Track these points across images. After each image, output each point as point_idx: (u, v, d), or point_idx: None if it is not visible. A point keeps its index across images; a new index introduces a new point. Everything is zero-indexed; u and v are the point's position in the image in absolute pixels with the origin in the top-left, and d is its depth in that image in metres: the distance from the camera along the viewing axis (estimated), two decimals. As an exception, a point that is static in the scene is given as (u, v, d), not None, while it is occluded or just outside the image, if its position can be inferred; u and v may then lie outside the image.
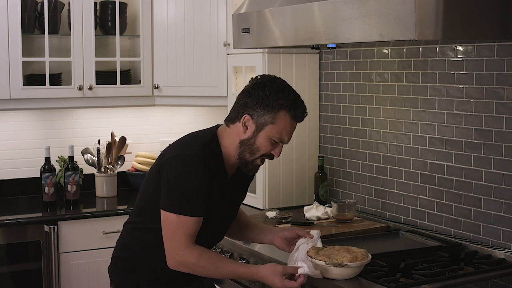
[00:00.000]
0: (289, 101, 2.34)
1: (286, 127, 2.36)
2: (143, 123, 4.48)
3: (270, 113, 2.34)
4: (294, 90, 2.41)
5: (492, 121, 2.89)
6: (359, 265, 2.46)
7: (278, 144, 2.39)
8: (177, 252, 2.34)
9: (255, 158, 2.40)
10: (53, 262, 3.65)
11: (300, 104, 2.38)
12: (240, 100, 2.40)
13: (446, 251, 2.85)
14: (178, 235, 2.32)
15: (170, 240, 2.34)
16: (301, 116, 2.39)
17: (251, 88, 2.39)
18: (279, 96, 2.34)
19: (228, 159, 2.43)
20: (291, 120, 2.36)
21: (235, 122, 2.40)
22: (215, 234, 2.56)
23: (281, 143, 2.39)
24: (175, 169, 2.32)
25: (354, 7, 2.54)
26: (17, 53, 3.79)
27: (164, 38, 4.09)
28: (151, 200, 2.42)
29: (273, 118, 2.34)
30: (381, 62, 3.44)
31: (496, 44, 2.84)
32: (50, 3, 3.92)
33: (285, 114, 2.34)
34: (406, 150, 3.33)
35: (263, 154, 2.40)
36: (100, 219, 3.79)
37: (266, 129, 2.35)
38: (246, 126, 2.37)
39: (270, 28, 3.03)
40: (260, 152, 2.38)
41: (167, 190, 2.33)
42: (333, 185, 3.80)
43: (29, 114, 4.19)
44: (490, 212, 2.93)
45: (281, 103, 2.33)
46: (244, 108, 2.37)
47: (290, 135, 2.40)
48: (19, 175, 4.18)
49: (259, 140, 2.37)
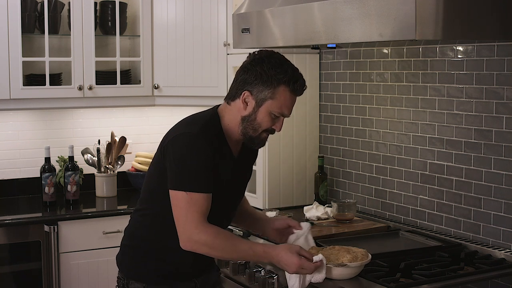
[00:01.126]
0: (288, 75, 2.34)
1: (286, 101, 2.36)
2: (143, 123, 4.48)
3: (269, 88, 2.34)
4: (292, 64, 2.40)
5: (492, 121, 2.89)
6: (359, 265, 2.46)
7: (279, 118, 2.39)
8: (192, 231, 2.29)
9: (259, 133, 2.40)
10: (53, 262, 3.65)
11: (299, 77, 2.38)
12: (238, 76, 2.40)
13: (446, 251, 2.85)
14: (191, 213, 2.29)
15: (183, 220, 2.30)
16: (301, 90, 2.39)
17: (249, 64, 2.38)
18: (277, 71, 2.33)
19: (231, 136, 2.43)
20: (290, 94, 2.36)
21: (235, 99, 2.40)
22: (225, 215, 2.53)
23: (282, 117, 2.40)
24: (179, 148, 2.32)
25: (354, 7, 2.54)
26: (17, 53, 3.79)
27: (164, 38, 4.09)
28: (158, 185, 2.41)
29: (272, 93, 2.34)
30: (381, 62, 3.44)
31: (496, 44, 2.84)
32: (50, 3, 3.92)
33: (284, 89, 2.34)
34: (406, 150, 3.33)
35: (265, 129, 2.40)
36: (100, 219, 3.79)
37: (266, 104, 2.35)
38: (246, 102, 2.37)
39: (270, 28, 3.03)
40: (262, 128, 2.39)
41: (174, 169, 2.32)
42: (333, 185, 3.80)
43: (29, 114, 4.19)
44: (490, 212, 2.93)
45: (279, 78, 2.33)
46: (243, 84, 2.37)
47: (290, 109, 2.40)
48: (19, 175, 4.18)
49: (259, 115, 2.37)
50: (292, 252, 2.33)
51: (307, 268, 2.33)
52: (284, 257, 2.32)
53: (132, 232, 2.55)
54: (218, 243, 2.32)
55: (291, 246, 2.38)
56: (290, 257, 2.32)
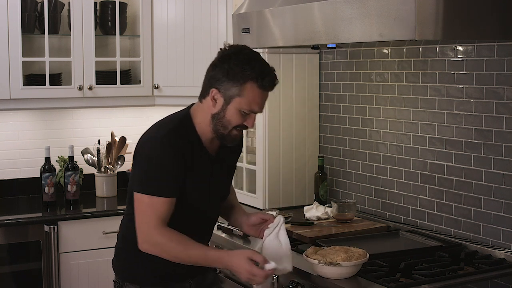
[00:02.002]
0: (255, 71, 2.28)
1: (255, 98, 2.31)
2: (143, 123, 4.45)
3: (236, 85, 2.29)
4: (262, 59, 2.35)
5: (492, 121, 2.89)
6: (352, 264, 2.46)
7: (250, 115, 2.35)
8: (149, 233, 2.31)
9: (229, 130, 2.36)
10: (53, 262, 3.65)
11: (268, 73, 2.31)
12: (208, 74, 2.38)
13: (446, 251, 2.85)
14: (148, 215, 2.30)
15: (141, 222, 2.32)
16: (270, 85, 2.33)
17: (218, 61, 2.35)
18: (244, 67, 2.28)
19: (205, 135, 2.40)
20: (259, 91, 2.30)
21: (205, 97, 2.38)
22: (207, 212, 2.51)
23: (252, 113, 2.35)
24: (144, 153, 2.34)
25: (354, 7, 2.54)
26: (17, 53, 3.79)
27: (164, 38, 4.09)
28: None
29: (240, 91, 2.29)
30: (381, 62, 3.44)
31: (496, 44, 2.84)
32: (50, 3, 3.92)
33: (252, 85, 2.29)
34: (406, 150, 3.32)
35: (236, 126, 2.36)
36: (100, 219, 3.79)
37: (234, 101, 2.31)
38: (215, 100, 2.34)
39: (270, 28, 3.03)
40: (232, 125, 2.35)
41: (138, 172, 2.35)
42: (333, 185, 3.80)
43: (29, 114, 4.19)
44: (490, 212, 2.92)
45: (247, 75, 2.28)
46: (212, 82, 2.34)
47: (261, 106, 2.35)
48: (19, 175, 4.18)
49: (228, 113, 2.33)
50: (243, 258, 2.27)
51: (258, 275, 2.25)
52: (235, 263, 2.27)
53: (123, 235, 2.55)
54: (172, 246, 2.31)
55: (244, 251, 2.31)
56: (241, 263, 2.26)
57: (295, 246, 2.94)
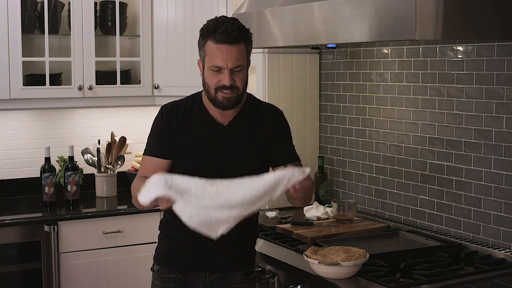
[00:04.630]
0: (209, 29, 2.43)
1: (214, 52, 2.42)
2: (143, 123, 4.46)
3: (202, 47, 2.47)
4: (220, 18, 2.46)
5: (492, 121, 2.89)
6: (352, 264, 2.46)
7: (221, 71, 2.43)
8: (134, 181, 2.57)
9: (214, 93, 2.47)
10: (53, 262, 3.65)
11: (220, 25, 2.42)
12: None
13: (446, 251, 2.85)
14: (139, 171, 2.62)
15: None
16: (223, 38, 2.40)
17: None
18: (202, 29, 2.47)
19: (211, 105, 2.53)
20: (216, 45, 2.41)
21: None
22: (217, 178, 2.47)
23: (222, 69, 2.43)
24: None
25: (354, 7, 2.54)
26: (17, 53, 3.79)
27: (164, 38, 4.09)
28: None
29: (204, 51, 2.46)
30: (381, 62, 3.44)
31: (496, 44, 2.84)
32: (50, 3, 3.92)
33: (209, 42, 2.43)
34: (406, 150, 3.33)
35: (217, 87, 2.45)
36: (100, 219, 3.79)
37: (205, 63, 2.47)
38: (200, 69, 2.53)
39: (270, 28, 3.03)
40: (211, 86, 2.47)
41: None
42: (333, 185, 3.80)
43: (29, 114, 4.19)
44: (490, 212, 2.93)
45: (204, 34, 2.45)
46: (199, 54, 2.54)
47: (223, 59, 2.41)
48: (19, 175, 4.18)
49: (205, 75, 2.48)
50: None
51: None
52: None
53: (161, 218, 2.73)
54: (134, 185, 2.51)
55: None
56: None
57: (295, 246, 2.94)
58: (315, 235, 3.05)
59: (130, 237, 3.80)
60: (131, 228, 3.80)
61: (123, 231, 3.79)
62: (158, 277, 2.62)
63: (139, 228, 3.81)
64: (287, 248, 2.96)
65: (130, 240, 3.80)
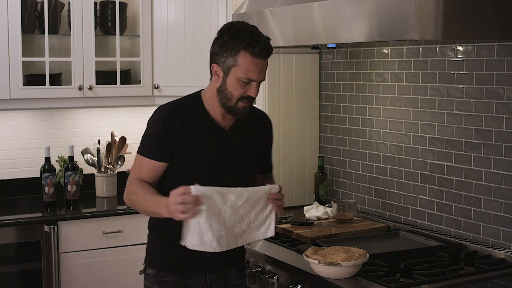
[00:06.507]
0: (245, 40, 2.38)
1: (250, 66, 2.40)
2: (143, 123, 4.44)
3: (230, 56, 2.41)
4: (254, 29, 2.43)
5: (492, 121, 2.89)
6: (352, 264, 2.46)
7: (250, 83, 2.43)
8: (127, 184, 2.54)
9: (235, 102, 2.45)
10: (53, 262, 3.65)
11: (259, 41, 2.40)
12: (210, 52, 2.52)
13: (446, 251, 2.85)
14: (133, 171, 2.58)
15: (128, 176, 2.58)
16: (262, 52, 2.41)
17: (215, 38, 2.48)
18: (235, 38, 2.40)
19: (214, 109, 2.52)
20: (252, 58, 2.39)
21: (211, 74, 2.52)
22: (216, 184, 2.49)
23: (252, 82, 2.43)
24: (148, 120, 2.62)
25: (354, 7, 2.54)
26: (17, 53, 3.79)
27: (164, 38, 4.09)
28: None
29: (234, 61, 2.41)
30: (381, 62, 3.44)
31: (496, 44, 2.84)
32: (50, 3, 3.92)
33: (245, 54, 2.39)
34: (406, 150, 3.33)
35: (241, 97, 2.44)
36: (100, 219, 3.79)
37: (232, 72, 2.42)
38: (217, 74, 2.47)
39: (270, 28, 3.03)
40: (234, 96, 2.44)
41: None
42: (333, 185, 3.80)
43: (29, 114, 4.19)
44: (490, 212, 2.93)
45: (238, 44, 2.39)
46: (212, 58, 2.49)
47: (258, 73, 2.42)
48: (19, 175, 4.18)
49: (229, 84, 2.44)
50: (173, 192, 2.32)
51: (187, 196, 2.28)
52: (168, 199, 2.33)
53: (148, 222, 2.69)
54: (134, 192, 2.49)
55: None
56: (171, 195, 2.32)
57: (295, 246, 2.94)
58: (315, 235, 3.05)
59: (130, 237, 3.80)
60: (131, 228, 3.80)
61: (123, 231, 3.79)
62: (156, 281, 2.58)
63: (139, 228, 3.78)
64: (287, 248, 2.96)
65: (130, 240, 3.80)
